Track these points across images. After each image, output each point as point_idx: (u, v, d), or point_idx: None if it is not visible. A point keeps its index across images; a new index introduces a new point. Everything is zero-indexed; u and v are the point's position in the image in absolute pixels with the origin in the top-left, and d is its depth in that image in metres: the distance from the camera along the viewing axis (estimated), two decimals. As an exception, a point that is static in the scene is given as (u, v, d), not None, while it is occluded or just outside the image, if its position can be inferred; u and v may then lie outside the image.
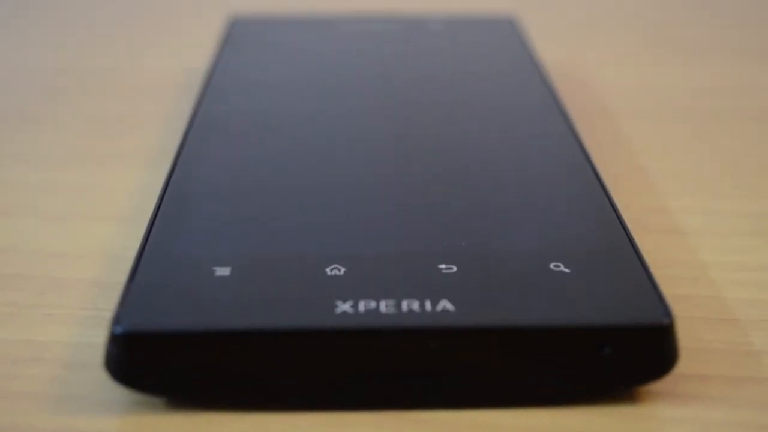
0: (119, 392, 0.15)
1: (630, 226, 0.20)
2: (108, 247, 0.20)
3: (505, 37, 0.28)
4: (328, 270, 0.16)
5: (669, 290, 0.18)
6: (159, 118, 0.26)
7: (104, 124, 0.26)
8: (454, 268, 0.16)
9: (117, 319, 0.15)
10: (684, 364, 0.15)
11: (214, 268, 0.16)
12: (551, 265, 0.16)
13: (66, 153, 0.24)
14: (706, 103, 0.28)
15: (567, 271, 0.16)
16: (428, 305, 0.15)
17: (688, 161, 0.24)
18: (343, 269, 0.16)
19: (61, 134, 0.25)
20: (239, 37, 0.28)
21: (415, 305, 0.15)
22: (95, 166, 0.24)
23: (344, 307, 0.15)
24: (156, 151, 0.24)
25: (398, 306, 0.15)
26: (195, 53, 0.31)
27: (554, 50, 0.31)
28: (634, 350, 0.15)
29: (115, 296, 0.16)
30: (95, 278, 0.19)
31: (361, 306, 0.15)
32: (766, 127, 0.26)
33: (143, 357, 0.15)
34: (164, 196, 0.19)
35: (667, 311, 0.15)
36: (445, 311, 0.15)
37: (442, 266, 0.16)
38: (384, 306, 0.15)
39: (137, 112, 0.27)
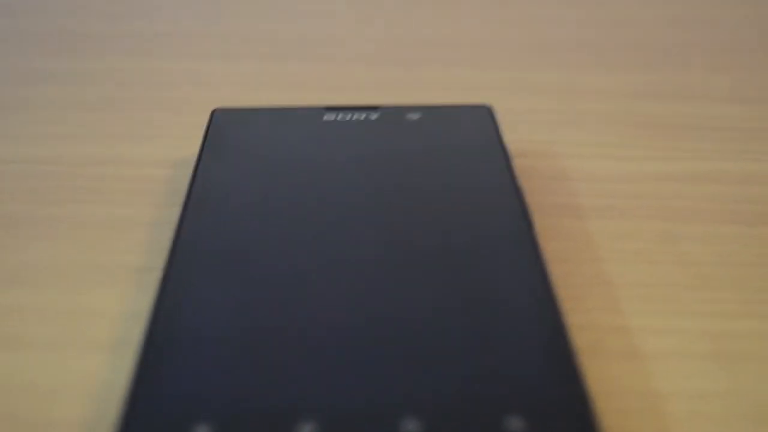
0: None
1: (587, 349, 0.21)
2: (94, 381, 0.21)
3: (479, 127, 0.29)
4: (299, 425, 0.17)
5: (619, 425, 0.19)
6: (143, 223, 0.27)
7: (90, 229, 0.27)
8: (416, 423, 0.17)
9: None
10: None
11: (195, 426, 0.17)
12: (508, 418, 0.17)
13: (53, 267, 0.25)
14: (680, 199, 0.28)
15: (524, 424, 0.17)
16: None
17: (655, 271, 0.24)
18: (314, 425, 0.17)
19: (49, 243, 0.26)
20: (222, 130, 0.28)
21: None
22: (80, 284, 0.24)
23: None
24: (143, 263, 0.25)
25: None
26: (180, 145, 0.32)
27: (529, 137, 0.32)
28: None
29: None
30: (82, 416, 0.20)
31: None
32: (737, 230, 0.26)
33: None
34: (146, 349, 0.20)
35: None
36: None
37: (404, 421, 0.17)
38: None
39: (123, 214, 0.27)
